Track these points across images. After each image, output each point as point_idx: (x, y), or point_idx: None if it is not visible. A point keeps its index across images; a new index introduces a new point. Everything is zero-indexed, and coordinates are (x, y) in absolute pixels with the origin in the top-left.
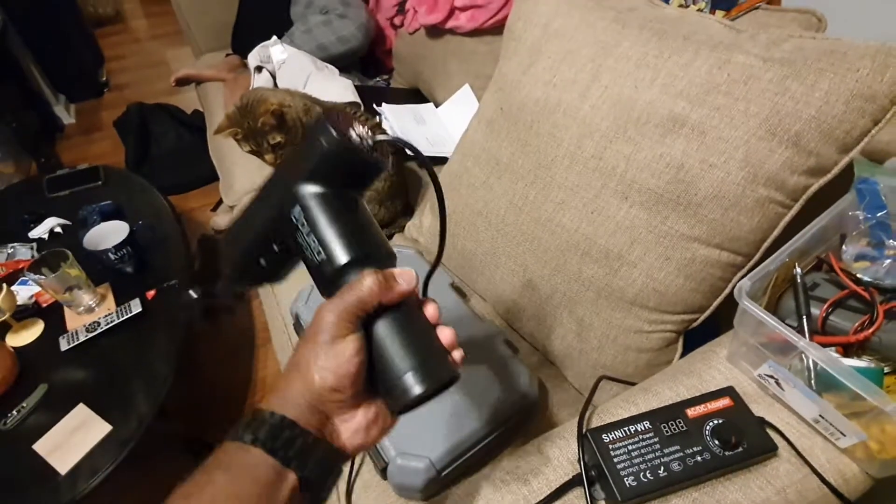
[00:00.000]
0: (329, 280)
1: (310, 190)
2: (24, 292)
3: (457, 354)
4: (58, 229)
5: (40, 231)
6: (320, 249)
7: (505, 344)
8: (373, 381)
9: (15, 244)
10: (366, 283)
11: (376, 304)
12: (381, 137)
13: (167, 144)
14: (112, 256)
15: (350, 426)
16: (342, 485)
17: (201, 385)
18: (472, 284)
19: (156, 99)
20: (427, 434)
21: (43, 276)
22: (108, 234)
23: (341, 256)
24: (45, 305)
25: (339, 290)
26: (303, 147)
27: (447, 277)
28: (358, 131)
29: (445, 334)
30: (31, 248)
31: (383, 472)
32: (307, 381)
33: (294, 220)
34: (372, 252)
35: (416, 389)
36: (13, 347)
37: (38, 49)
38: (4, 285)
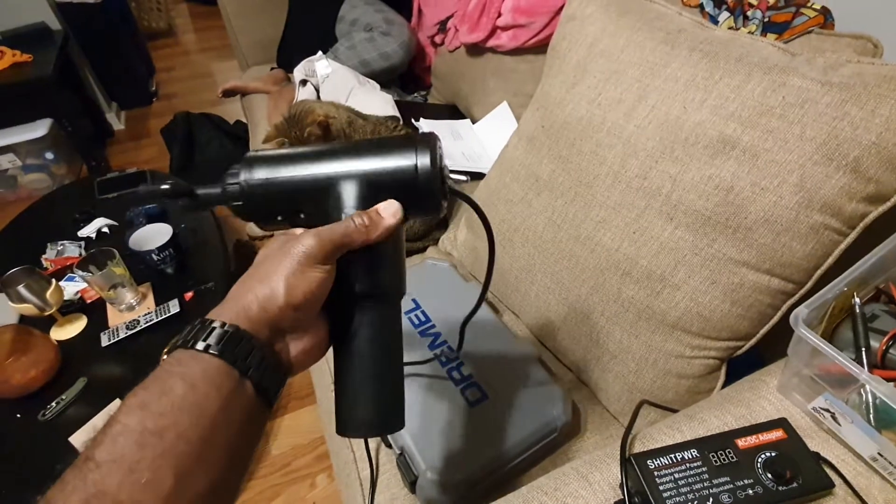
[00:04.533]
0: None
1: (370, 180)
2: (71, 288)
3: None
4: (105, 229)
5: (89, 230)
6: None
7: (538, 363)
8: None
9: (65, 242)
10: (354, 219)
11: (361, 241)
12: (451, 183)
13: (210, 152)
14: (155, 257)
15: (298, 345)
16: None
17: None
18: (505, 300)
19: (201, 109)
20: (458, 449)
21: (90, 274)
22: (152, 235)
23: None
24: (89, 301)
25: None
26: (391, 145)
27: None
28: (443, 166)
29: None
30: (80, 247)
31: (412, 485)
32: (272, 295)
33: (338, 195)
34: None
35: (361, 435)
36: (57, 341)
37: (96, 59)
38: (54, 280)
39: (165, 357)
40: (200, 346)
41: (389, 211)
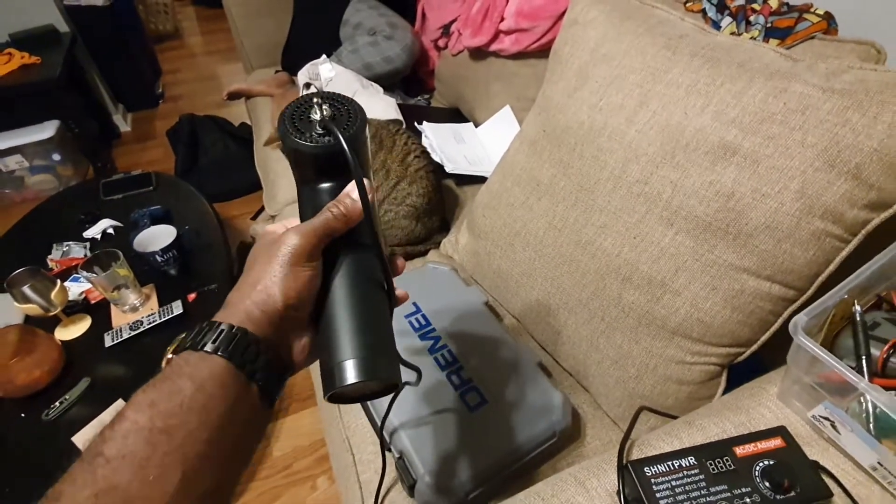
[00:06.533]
0: None
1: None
2: (76, 288)
3: (399, 293)
4: (110, 230)
5: (94, 231)
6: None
7: (539, 368)
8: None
9: (70, 243)
10: (331, 210)
11: (343, 229)
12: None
13: (214, 154)
14: (159, 258)
15: (299, 344)
16: (369, 500)
17: None
18: (506, 305)
19: (206, 111)
20: (458, 454)
21: (94, 274)
22: (157, 236)
23: None
24: (93, 302)
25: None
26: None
27: (482, 296)
28: (314, 116)
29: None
30: (85, 247)
31: (411, 489)
32: (269, 297)
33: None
34: None
35: (350, 379)
36: (61, 341)
37: (103, 61)
38: (58, 281)
39: (172, 356)
40: (209, 347)
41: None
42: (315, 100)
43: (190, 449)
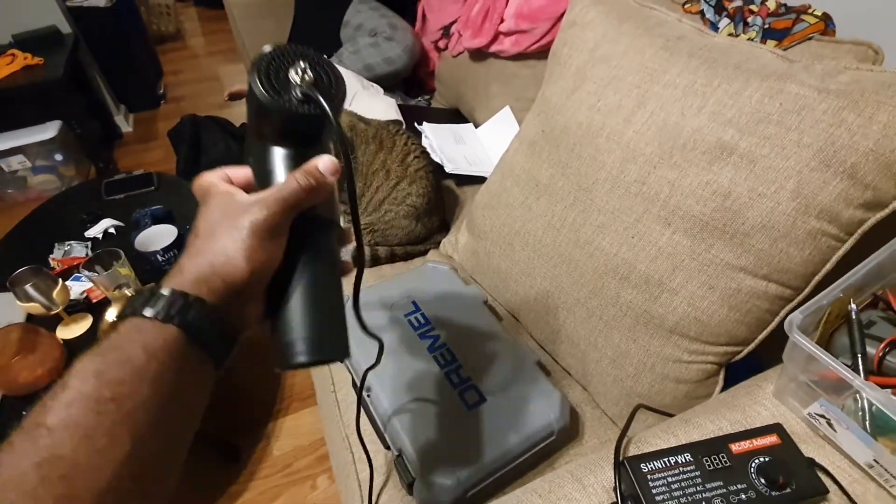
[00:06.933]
0: None
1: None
2: (77, 288)
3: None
4: (112, 230)
5: (95, 231)
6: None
7: (537, 366)
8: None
9: (72, 242)
10: (297, 180)
11: (309, 204)
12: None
13: (216, 154)
14: (160, 258)
15: (253, 313)
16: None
17: (231, 388)
18: (505, 304)
19: (208, 112)
20: (456, 452)
21: (96, 274)
22: (158, 236)
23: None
24: (94, 301)
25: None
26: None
27: (481, 296)
28: (294, 77)
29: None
30: (86, 247)
31: (409, 487)
32: (236, 269)
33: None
34: None
35: (301, 359)
36: (63, 339)
37: (105, 62)
38: (60, 280)
39: (116, 321)
40: (162, 315)
41: (329, 169)
42: (300, 63)
43: (141, 417)
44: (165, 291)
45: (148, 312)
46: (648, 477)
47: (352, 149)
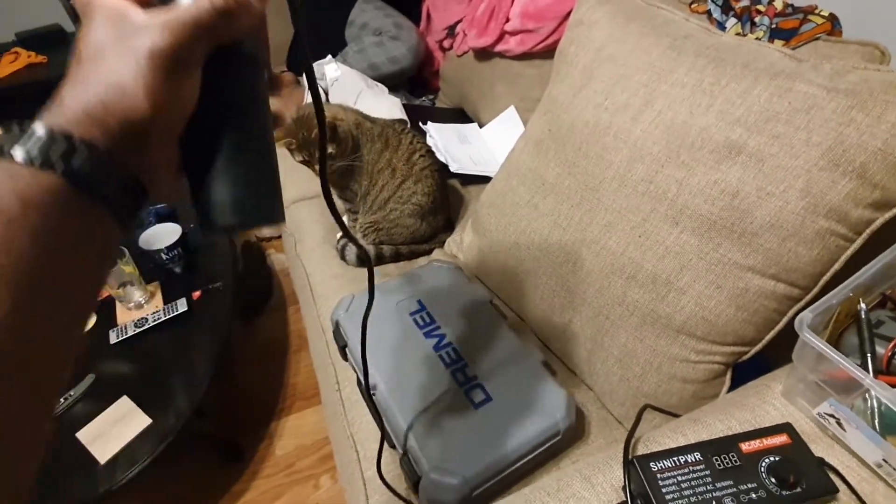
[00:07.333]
0: None
1: None
2: None
3: None
4: None
5: None
6: None
7: (543, 366)
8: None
9: None
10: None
11: (225, 29)
12: None
13: None
14: (164, 256)
15: (166, 165)
16: (373, 497)
17: (234, 387)
18: (510, 303)
19: None
20: (462, 451)
21: None
22: (162, 235)
23: None
24: (98, 299)
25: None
26: None
27: (486, 295)
28: None
29: None
30: None
31: (415, 485)
32: (133, 107)
33: None
34: None
35: (228, 220)
36: None
37: None
38: None
39: None
40: (39, 160)
41: None
42: None
43: (22, 274)
44: (40, 130)
45: (19, 155)
46: (658, 476)
47: (355, 142)
